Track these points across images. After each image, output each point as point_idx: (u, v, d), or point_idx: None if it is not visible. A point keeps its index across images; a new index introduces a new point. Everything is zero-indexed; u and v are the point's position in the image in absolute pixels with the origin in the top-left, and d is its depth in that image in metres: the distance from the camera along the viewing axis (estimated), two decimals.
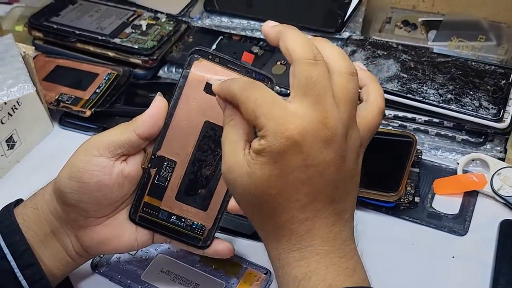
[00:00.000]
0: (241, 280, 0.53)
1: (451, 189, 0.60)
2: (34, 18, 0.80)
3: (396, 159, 0.60)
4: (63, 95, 0.72)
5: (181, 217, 0.47)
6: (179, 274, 0.53)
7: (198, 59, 0.44)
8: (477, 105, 0.61)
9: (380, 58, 0.68)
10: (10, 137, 0.65)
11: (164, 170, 0.46)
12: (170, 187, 0.46)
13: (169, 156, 0.46)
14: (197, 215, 0.47)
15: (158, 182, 0.46)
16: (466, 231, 0.57)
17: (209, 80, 0.44)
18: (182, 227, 0.47)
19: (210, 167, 0.45)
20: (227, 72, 0.43)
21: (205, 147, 0.45)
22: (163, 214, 0.47)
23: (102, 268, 0.54)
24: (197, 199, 0.46)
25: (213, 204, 0.46)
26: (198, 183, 0.46)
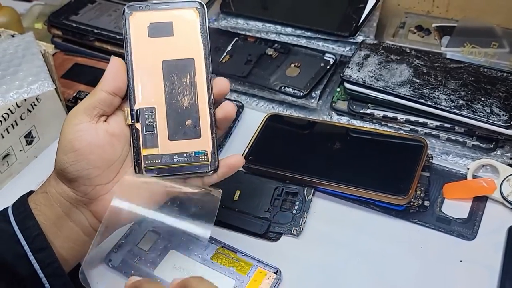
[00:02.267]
0: (252, 278, 0.54)
1: (461, 193, 0.61)
2: (54, 16, 0.82)
3: (407, 162, 0.61)
4: (80, 92, 0.73)
5: (182, 153, 0.49)
6: (191, 271, 0.55)
7: (131, 13, 0.49)
8: (488, 111, 0.62)
9: (393, 62, 0.69)
10: (29, 133, 0.67)
11: (148, 119, 0.49)
12: (159, 132, 0.49)
13: (147, 105, 0.49)
14: (195, 145, 0.49)
15: (148, 132, 0.49)
16: (474, 236, 0.58)
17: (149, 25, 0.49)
18: (186, 162, 0.49)
19: (186, 97, 0.48)
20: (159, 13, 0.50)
21: (173, 82, 0.49)
22: (165, 158, 0.49)
23: (115, 263, 0.56)
24: (187, 131, 0.49)
25: (203, 128, 0.49)
26: (182, 116, 0.49)
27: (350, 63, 0.69)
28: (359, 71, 0.68)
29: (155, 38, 0.49)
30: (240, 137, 0.70)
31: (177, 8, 0.50)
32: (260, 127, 0.70)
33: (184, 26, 0.50)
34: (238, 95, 0.76)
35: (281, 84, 0.72)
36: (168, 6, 0.50)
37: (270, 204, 0.62)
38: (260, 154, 0.66)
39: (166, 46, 0.49)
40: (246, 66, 0.75)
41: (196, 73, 0.49)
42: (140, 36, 0.49)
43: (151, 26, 0.49)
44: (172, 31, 0.49)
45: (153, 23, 0.49)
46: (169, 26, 0.50)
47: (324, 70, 0.73)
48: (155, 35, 0.49)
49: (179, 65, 0.49)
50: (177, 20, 0.50)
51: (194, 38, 0.49)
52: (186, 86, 0.49)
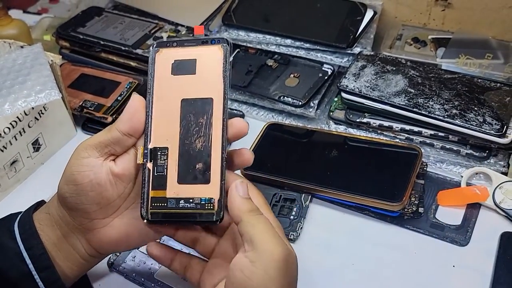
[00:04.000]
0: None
1: (455, 201, 0.62)
2: (62, 28, 0.84)
3: (402, 170, 0.62)
4: (86, 101, 0.75)
5: (188, 199, 0.46)
6: None
7: (158, 51, 0.48)
8: (481, 120, 0.63)
9: (389, 73, 0.70)
10: (36, 140, 0.69)
11: (160, 159, 0.46)
12: (169, 173, 0.46)
13: (160, 144, 0.47)
14: (202, 191, 0.46)
15: (158, 173, 0.46)
16: (467, 242, 0.59)
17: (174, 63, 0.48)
18: (192, 209, 0.46)
19: (199, 139, 0.46)
20: (185, 50, 0.48)
21: (189, 123, 0.46)
22: (171, 203, 0.46)
23: (118, 266, 0.57)
24: (197, 175, 0.46)
25: (213, 173, 0.45)
26: (194, 158, 0.46)
27: (347, 74, 0.71)
28: (356, 81, 0.70)
29: (178, 76, 0.47)
30: (240, 145, 0.71)
31: (203, 45, 0.47)
32: (260, 135, 0.71)
33: (208, 64, 0.47)
34: (239, 104, 0.78)
35: (281, 94, 0.74)
36: (194, 43, 0.48)
37: None
38: (259, 162, 0.66)
39: (187, 84, 0.47)
40: (247, 76, 0.77)
41: (213, 114, 0.46)
42: (164, 73, 0.47)
43: (175, 64, 0.47)
44: (195, 69, 0.47)
45: (178, 61, 0.47)
46: (192, 63, 0.47)
47: (322, 80, 0.75)
48: (178, 72, 0.47)
49: (197, 105, 0.46)
50: (201, 58, 0.47)
51: (215, 77, 0.47)
52: (202, 127, 0.46)
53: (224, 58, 0.47)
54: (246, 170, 0.67)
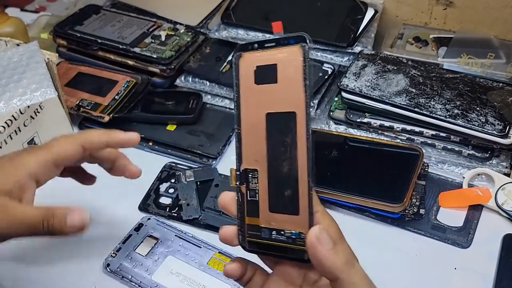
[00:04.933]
0: None
1: (456, 202, 0.61)
2: (59, 26, 0.83)
3: (403, 171, 0.62)
4: (83, 100, 0.74)
5: (280, 230, 0.41)
6: (187, 276, 0.56)
7: (240, 55, 0.41)
8: (483, 120, 0.62)
9: (390, 72, 0.70)
10: (32, 140, 0.68)
11: (251, 183, 0.42)
12: (261, 199, 0.41)
13: (251, 166, 0.41)
14: (292, 223, 0.40)
15: (251, 198, 0.42)
16: (469, 244, 0.58)
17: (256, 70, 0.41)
18: (283, 242, 0.40)
19: (286, 161, 0.40)
20: (265, 53, 0.40)
21: (275, 141, 0.40)
22: (264, 233, 0.41)
23: (113, 267, 0.57)
24: (287, 204, 0.40)
25: (302, 203, 0.40)
26: (282, 184, 0.40)
27: (347, 73, 0.70)
28: (356, 81, 0.69)
29: (260, 85, 0.40)
30: None
31: (282, 46, 0.40)
32: None
33: (288, 69, 0.40)
34: None
35: None
36: (274, 43, 0.40)
37: None
38: None
39: (270, 96, 0.40)
40: None
41: (297, 131, 0.39)
42: (248, 82, 0.41)
43: (257, 70, 0.41)
44: (276, 77, 0.40)
45: (259, 67, 0.40)
46: (273, 70, 0.40)
47: (322, 79, 0.74)
48: (260, 81, 0.40)
49: (281, 120, 0.40)
50: (281, 62, 0.40)
51: (296, 85, 0.39)
52: (287, 146, 0.40)
53: (304, 61, 0.39)
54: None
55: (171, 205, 0.64)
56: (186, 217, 0.62)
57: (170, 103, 0.76)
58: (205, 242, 0.59)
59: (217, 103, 0.77)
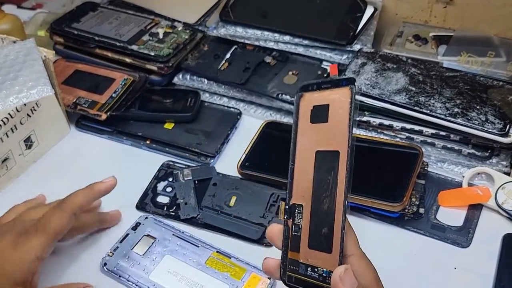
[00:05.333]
0: (246, 283, 0.54)
1: (456, 201, 0.61)
2: (56, 24, 0.82)
3: (402, 170, 0.61)
4: (80, 98, 0.74)
5: (314, 267, 0.41)
6: (185, 275, 0.55)
7: (302, 96, 0.44)
8: (483, 119, 0.62)
9: (389, 71, 0.69)
10: (28, 137, 0.68)
11: (297, 217, 0.43)
12: (303, 234, 0.42)
13: (298, 201, 0.43)
14: (325, 261, 0.41)
15: (295, 232, 0.43)
16: (469, 243, 0.58)
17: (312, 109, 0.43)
18: (316, 279, 0.41)
19: (326, 199, 0.41)
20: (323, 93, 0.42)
21: (320, 179, 0.42)
22: (301, 268, 0.42)
23: (110, 267, 0.56)
24: (323, 241, 0.41)
25: (335, 242, 0.40)
26: (321, 221, 0.41)
27: (346, 71, 0.70)
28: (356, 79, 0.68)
29: (314, 124, 0.43)
30: (237, 144, 0.71)
31: (335, 88, 0.42)
32: (257, 134, 0.70)
33: (337, 109, 0.41)
34: (236, 102, 0.76)
35: (279, 91, 0.72)
36: (329, 84, 0.42)
37: (265, 210, 0.62)
38: (256, 161, 0.67)
39: (321, 134, 0.42)
40: (245, 73, 0.75)
41: (339, 170, 0.41)
42: (305, 121, 0.43)
43: (313, 110, 0.43)
44: (327, 116, 0.42)
45: (316, 106, 0.43)
46: (325, 109, 0.42)
47: (321, 78, 0.74)
48: (315, 120, 0.42)
49: (327, 158, 0.41)
50: (333, 103, 0.42)
51: (342, 125, 0.41)
52: (329, 185, 0.41)
53: (351, 103, 0.40)
54: (244, 169, 0.66)
55: (168, 204, 0.64)
56: (184, 216, 0.62)
57: (168, 101, 0.75)
58: (203, 241, 0.58)
59: (215, 101, 0.77)
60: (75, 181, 0.59)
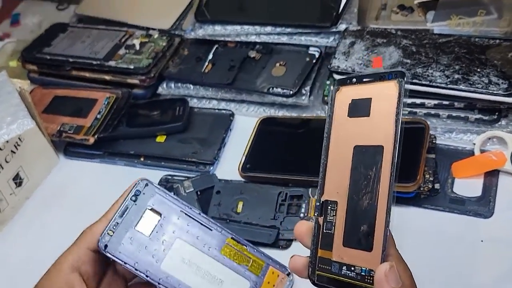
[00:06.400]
0: (265, 279, 0.49)
1: (471, 171, 0.59)
2: (26, 51, 0.80)
3: (410, 147, 0.58)
4: (64, 125, 0.71)
5: (350, 266, 0.40)
6: (201, 267, 0.48)
7: (338, 89, 0.42)
8: (486, 81, 0.59)
9: (380, 46, 0.66)
10: (17, 175, 0.65)
11: (329, 215, 0.41)
12: (336, 232, 0.41)
13: (331, 198, 0.42)
14: (364, 259, 0.39)
15: (326, 230, 0.41)
16: (491, 213, 0.56)
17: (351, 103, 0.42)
18: (352, 278, 0.40)
19: (366, 196, 0.40)
20: (362, 88, 0.42)
21: (358, 175, 0.40)
22: (335, 267, 0.41)
23: (113, 250, 0.46)
24: (361, 239, 0.39)
25: (376, 240, 0.39)
26: (359, 219, 0.40)
27: (336, 54, 0.67)
28: (347, 60, 0.66)
29: (353, 118, 0.41)
30: (234, 147, 0.68)
31: (380, 81, 0.40)
32: (254, 132, 0.67)
33: (382, 103, 0.40)
34: (226, 103, 0.74)
35: (269, 85, 0.69)
36: (372, 78, 0.41)
37: (275, 210, 0.59)
38: (258, 161, 0.64)
39: (361, 129, 0.41)
40: (230, 72, 0.73)
41: (382, 166, 0.39)
42: (341, 115, 0.42)
43: (352, 104, 0.42)
44: (369, 110, 0.41)
45: (355, 100, 0.42)
46: (367, 103, 0.41)
47: (310, 64, 0.71)
48: (353, 114, 0.41)
49: (368, 153, 0.40)
50: (377, 97, 0.41)
51: (388, 119, 0.39)
52: (370, 181, 0.40)
53: (399, 97, 0.39)
54: (246, 172, 0.63)
55: None
56: None
57: (156, 113, 0.72)
58: (215, 223, 0.50)
59: (205, 106, 0.74)
60: (72, 211, 0.57)
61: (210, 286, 0.48)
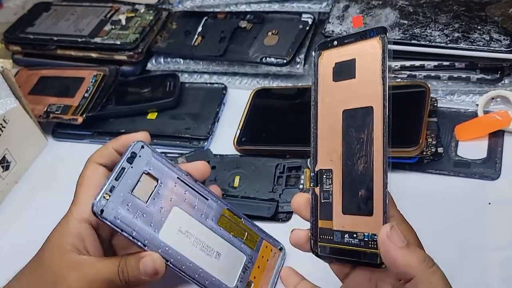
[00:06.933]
0: (259, 253, 0.49)
1: (475, 132, 0.57)
2: (9, 32, 0.77)
3: (411, 111, 0.57)
4: (51, 105, 0.69)
5: (353, 233, 0.39)
6: (199, 238, 0.46)
7: (320, 54, 0.41)
8: (487, 38, 0.57)
9: (376, 8, 0.64)
10: (3, 158, 0.62)
11: (325, 184, 0.40)
12: (334, 201, 0.40)
13: (325, 166, 0.40)
14: (365, 224, 0.38)
15: (324, 200, 0.40)
16: (498, 174, 0.54)
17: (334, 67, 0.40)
18: (356, 246, 0.38)
19: (361, 160, 0.38)
20: (344, 49, 0.40)
21: (351, 139, 0.39)
22: (336, 236, 0.39)
23: (109, 216, 0.44)
24: (361, 204, 0.38)
25: (376, 204, 0.38)
26: (356, 184, 0.39)
27: (330, 18, 0.65)
28: (342, 24, 0.63)
29: (338, 82, 0.40)
30: (228, 121, 0.66)
31: (362, 40, 0.39)
32: (248, 105, 0.65)
33: (366, 63, 0.39)
34: (218, 76, 0.71)
35: (262, 55, 0.67)
36: (353, 38, 0.39)
37: (274, 183, 0.57)
38: (253, 134, 0.62)
39: (348, 92, 0.39)
40: (221, 44, 0.70)
41: (374, 127, 0.38)
42: (326, 80, 0.41)
43: (336, 67, 0.40)
44: (354, 72, 0.39)
45: (338, 63, 0.40)
46: (351, 65, 0.39)
47: (304, 32, 0.68)
48: (338, 78, 0.40)
49: (357, 116, 0.39)
50: (360, 57, 0.39)
51: (374, 78, 0.38)
52: (363, 144, 0.38)
53: (383, 54, 0.37)
54: (241, 145, 0.61)
55: None
56: None
57: (146, 90, 0.70)
58: (211, 192, 0.49)
59: (196, 80, 0.72)
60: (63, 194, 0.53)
61: (208, 260, 0.46)
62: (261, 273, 0.49)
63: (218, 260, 0.47)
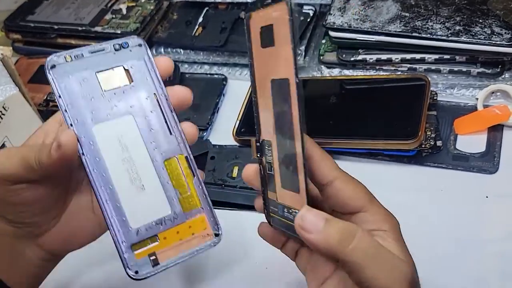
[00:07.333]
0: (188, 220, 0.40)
1: (474, 126, 0.57)
2: (9, 20, 0.77)
3: (410, 104, 0.57)
4: (51, 94, 0.69)
5: (289, 208, 0.36)
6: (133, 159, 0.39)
7: (250, 16, 0.37)
8: (488, 32, 0.57)
9: (378, 0, 0.64)
10: (3, 145, 0.62)
11: (267, 155, 0.37)
12: (275, 174, 0.37)
13: (266, 137, 0.37)
14: (296, 201, 0.36)
15: (268, 171, 0.38)
16: (496, 168, 0.54)
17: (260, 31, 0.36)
18: (291, 221, 0.36)
19: (287, 133, 0.35)
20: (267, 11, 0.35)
21: (279, 111, 0.36)
22: (280, 209, 0.37)
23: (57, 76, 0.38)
24: (292, 180, 0.36)
25: (300, 180, 0.35)
26: (286, 158, 0.36)
27: (331, 10, 0.65)
28: (343, 16, 0.63)
29: (265, 48, 0.36)
30: (228, 111, 0.66)
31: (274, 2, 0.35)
32: (248, 96, 0.65)
33: (280, 30, 0.35)
34: (219, 67, 0.71)
35: None
36: None
37: None
38: (252, 125, 0.61)
39: (271, 60, 0.36)
40: (222, 34, 0.70)
41: (291, 100, 0.35)
42: (256, 46, 0.37)
43: (261, 32, 0.36)
44: (273, 39, 0.36)
45: (263, 28, 0.36)
46: (271, 31, 0.36)
47: (305, 23, 0.68)
48: (264, 44, 0.36)
49: (280, 87, 0.36)
50: (276, 22, 0.35)
51: (286, 48, 0.35)
52: (287, 117, 0.35)
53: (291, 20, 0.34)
54: (240, 136, 0.61)
55: None
56: None
57: None
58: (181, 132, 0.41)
59: (196, 71, 0.72)
60: None
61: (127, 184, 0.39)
62: (175, 240, 0.40)
63: (137, 193, 0.40)
